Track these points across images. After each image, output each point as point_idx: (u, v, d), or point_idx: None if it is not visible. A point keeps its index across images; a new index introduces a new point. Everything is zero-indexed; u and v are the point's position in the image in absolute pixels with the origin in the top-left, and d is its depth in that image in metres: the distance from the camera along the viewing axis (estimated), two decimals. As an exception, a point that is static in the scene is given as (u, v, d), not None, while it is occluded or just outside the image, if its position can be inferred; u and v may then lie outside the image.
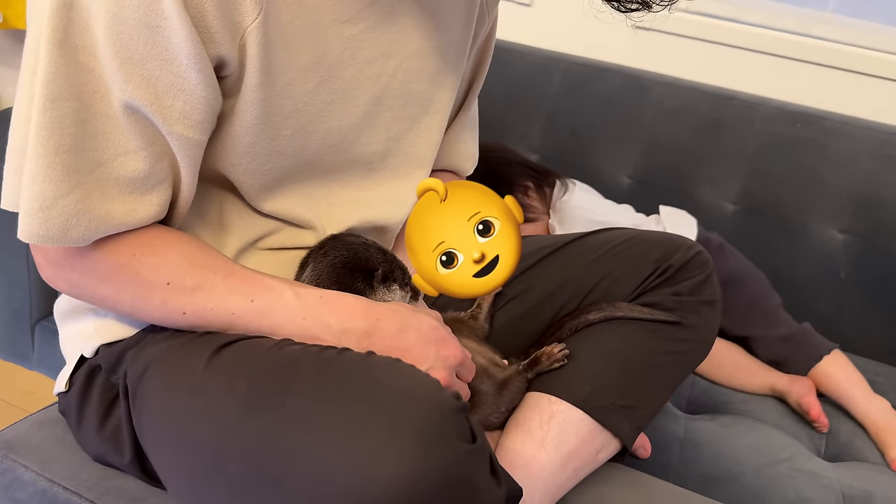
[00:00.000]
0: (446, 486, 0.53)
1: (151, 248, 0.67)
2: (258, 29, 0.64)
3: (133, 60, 0.59)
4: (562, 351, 0.84)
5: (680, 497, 0.88)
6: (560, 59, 1.61)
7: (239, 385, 0.61)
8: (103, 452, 0.75)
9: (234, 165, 0.71)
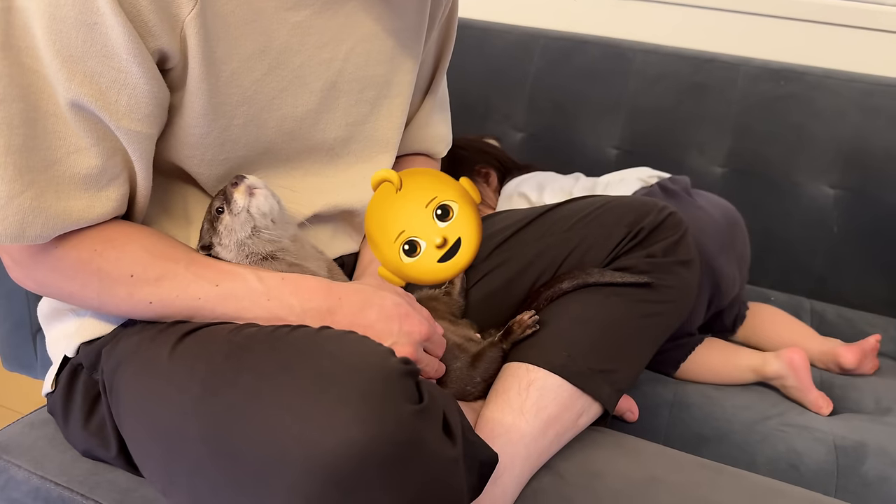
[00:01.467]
0: (394, 448, 0.54)
1: (112, 243, 0.68)
2: (196, 19, 0.65)
3: (74, 58, 0.61)
4: (532, 317, 0.85)
5: (667, 456, 0.88)
6: (539, 34, 1.61)
7: (198, 369, 0.63)
8: (90, 447, 0.77)
9: (189, 157, 0.73)
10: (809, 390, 1.09)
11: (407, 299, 0.76)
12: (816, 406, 1.09)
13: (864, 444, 1.00)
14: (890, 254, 1.40)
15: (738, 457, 1.00)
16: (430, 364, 0.77)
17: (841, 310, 1.39)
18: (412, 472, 0.55)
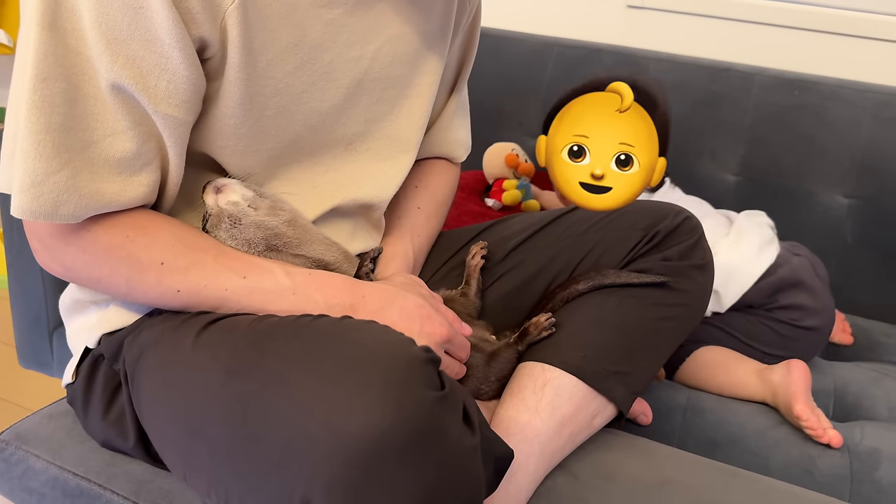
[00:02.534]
0: (415, 433, 0.54)
1: (144, 230, 0.69)
2: (237, 10, 0.67)
3: (118, 41, 0.62)
4: (549, 319, 0.86)
5: (680, 459, 0.88)
6: (554, 43, 1.62)
7: (221, 355, 0.64)
8: (109, 437, 0.78)
9: (221, 147, 0.74)
10: (798, 398, 1.04)
11: (431, 301, 0.76)
12: (803, 414, 1.02)
13: (878, 450, 1.00)
14: (903, 265, 1.40)
15: (751, 461, 0.99)
16: (451, 367, 0.77)
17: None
18: (432, 457, 0.55)
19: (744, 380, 1.13)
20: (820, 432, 1.01)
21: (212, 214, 0.74)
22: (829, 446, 1.01)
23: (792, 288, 1.22)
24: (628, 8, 1.70)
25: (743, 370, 1.14)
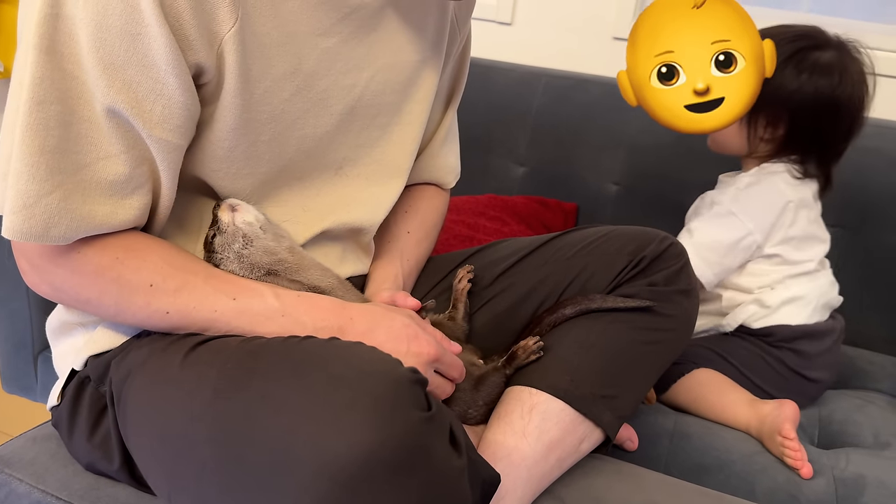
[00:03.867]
0: (402, 453, 0.54)
1: (134, 252, 0.70)
2: (234, 37, 0.68)
3: (115, 66, 0.63)
4: (537, 343, 0.86)
5: (668, 485, 0.88)
6: (542, 73, 1.65)
7: (209, 374, 0.64)
8: (94, 460, 0.78)
9: (214, 171, 0.75)
10: (785, 424, 1.03)
11: (417, 321, 0.77)
12: (790, 434, 1.01)
13: (863, 476, 1.00)
14: (889, 293, 1.42)
15: (738, 486, 1.00)
16: (440, 386, 0.77)
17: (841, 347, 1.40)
18: (419, 477, 0.55)
19: (734, 405, 1.11)
20: (799, 455, 1.00)
21: (225, 232, 0.74)
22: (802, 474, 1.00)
23: (811, 338, 1.18)
24: (614, 40, 1.73)
25: (735, 395, 1.13)
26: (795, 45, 1.09)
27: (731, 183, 1.23)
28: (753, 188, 1.18)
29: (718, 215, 1.18)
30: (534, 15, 1.79)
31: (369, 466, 0.53)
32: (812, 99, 1.10)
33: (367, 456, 0.53)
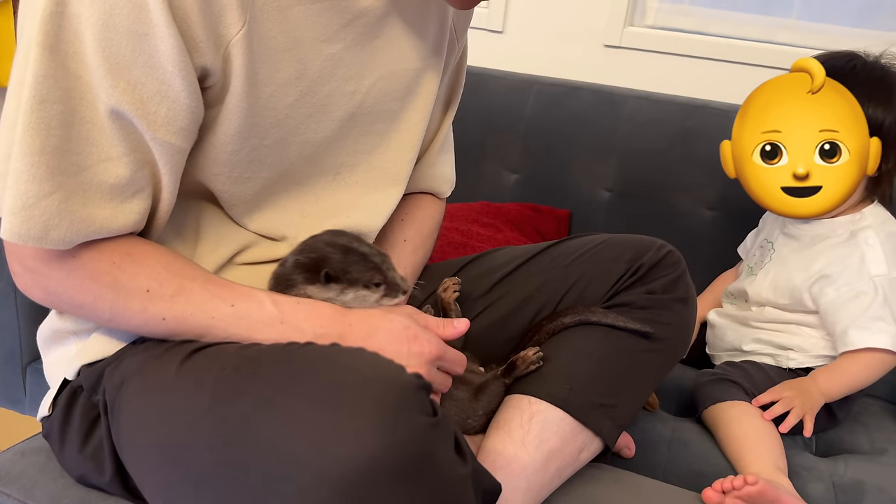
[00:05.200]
0: (406, 460, 0.53)
1: (131, 257, 0.68)
2: (242, 40, 0.67)
3: (120, 66, 0.62)
4: (536, 353, 0.85)
5: (667, 492, 0.88)
6: (534, 81, 1.65)
7: (206, 381, 0.62)
8: (85, 472, 0.76)
9: (216, 175, 0.74)
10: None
11: (415, 319, 0.75)
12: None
13: (862, 482, 1.00)
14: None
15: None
16: (441, 382, 0.76)
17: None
18: (423, 485, 0.54)
19: (754, 465, 1.00)
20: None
21: (377, 297, 0.76)
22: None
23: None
24: (605, 47, 1.73)
25: (762, 457, 1.01)
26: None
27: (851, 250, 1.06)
28: (890, 244, 1.06)
29: (893, 291, 1.07)
30: (525, 23, 1.79)
31: (372, 473, 0.52)
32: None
33: (371, 463, 0.52)
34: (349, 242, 0.77)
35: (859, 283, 1.07)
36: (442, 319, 0.78)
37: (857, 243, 1.06)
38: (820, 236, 1.09)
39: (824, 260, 1.10)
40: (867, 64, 1.02)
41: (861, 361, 1.08)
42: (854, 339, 1.07)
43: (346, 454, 0.52)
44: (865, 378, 1.08)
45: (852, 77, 0.97)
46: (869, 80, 0.98)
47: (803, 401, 1.07)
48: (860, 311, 1.07)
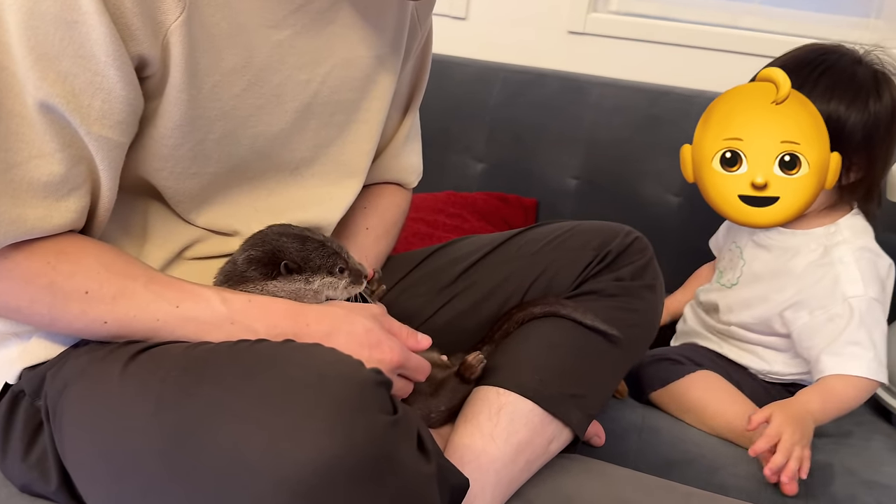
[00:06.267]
0: (367, 460, 0.51)
1: (67, 256, 0.65)
2: (181, 28, 0.63)
3: (48, 57, 0.58)
4: (476, 357, 0.83)
5: (637, 480, 0.87)
6: (499, 68, 1.63)
7: (151, 384, 0.59)
8: (30, 481, 0.72)
9: (158, 170, 0.70)
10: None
11: (380, 322, 0.73)
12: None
13: (831, 464, 1.00)
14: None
15: (707, 480, 0.99)
16: (402, 389, 0.74)
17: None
18: (385, 486, 0.52)
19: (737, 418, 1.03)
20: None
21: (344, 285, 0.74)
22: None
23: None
24: (569, 34, 1.72)
25: (739, 408, 1.05)
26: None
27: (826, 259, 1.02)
28: (865, 261, 1.02)
29: (871, 312, 1.02)
30: (488, 9, 1.76)
31: (331, 476, 0.50)
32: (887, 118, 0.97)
33: (330, 465, 0.50)
34: (302, 231, 0.74)
35: (833, 305, 1.02)
36: (409, 329, 0.75)
37: (832, 262, 1.01)
38: (792, 249, 1.03)
39: (798, 285, 1.04)
40: (841, 58, 0.97)
41: (844, 388, 1.01)
42: (826, 366, 1.01)
43: (303, 457, 0.49)
44: (852, 405, 1.02)
45: (819, 70, 0.94)
46: (835, 76, 0.94)
47: (802, 439, 0.94)
48: (834, 335, 1.01)
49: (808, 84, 0.94)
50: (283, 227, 0.75)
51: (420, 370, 0.75)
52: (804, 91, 0.91)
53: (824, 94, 0.93)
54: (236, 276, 0.71)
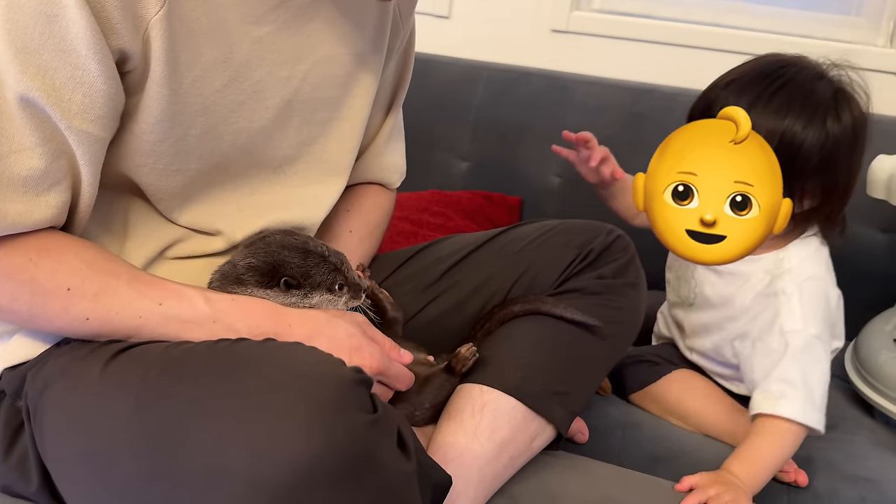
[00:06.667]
0: (346, 459, 0.51)
1: (48, 253, 0.64)
2: (161, 21, 0.63)
3: (28, 50, 0.58)
4: (469, 349, 0.83)
5: (621, 476, 0.88)
6: (483, 67, 1.63)
7: (131, 383, 0.59)
8: (10, 482, 0.72)
9: (139, 166, 0.70)
10: None
11: (363, 330, 0.73)
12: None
13: (812, 459, 1.01)
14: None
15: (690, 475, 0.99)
16: (384, 394, 0.74)
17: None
18: (366, 485, 0.52)
19: (716, 414, 1.04)
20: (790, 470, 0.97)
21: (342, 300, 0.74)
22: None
23: None
24: (552, 32, 1.72)
25: (719, 405, 1.05)
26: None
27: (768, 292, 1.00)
28: (809, 294, 0.98)
29: (808, 350, 0.96)
30: (471, 8, 1.77)
31: (311, 477, 0.50)
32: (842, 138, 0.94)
33: (309, 465, 0.50)
34: (305, 244, 0.74)
35: (771, 339, 0.97)
36: (392, 342, 0.76)
37: (775, 293, 0.98)
38: (741, 276, 1.02)
39: (746, 316, 1.01)
40: (801, 72, 0.94)
41: (769, 439, 0.93)
42: (755, 402, 0.95)
43: (282, 459, 0.49)
44: (783, 454, 0.93)
45: (777, 84, 0.91)
46: (793, 91, 0.91)
47: (734, 497, 0.88)
48: (767, 370, 0.95)
49: (763, 97, 0.92)
50: (285, 238, 0.74)
51: (401, 379, 0.75)
52: (759, 104, 0.89)
53: (780, 110, 0.91)
54: (233, 278, 0.71)
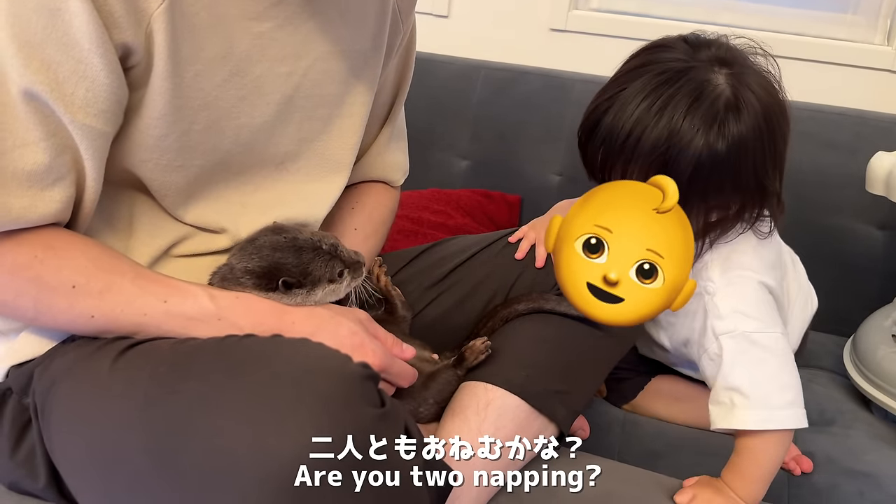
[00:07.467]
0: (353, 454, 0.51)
1: (54, 250, 0.65)
2: (164, 15, 0.64)
3: (32, 44, 0.58)
4: (484, 343, 0.84)
5: (622, 472, 0.88)
6: (481, 65, 1.64)
7: (140, 380, 0.60)
8: (17, 479, 0.72)
9: (143, 161, 0.70)
10: None
11: (365, 327, 0.73)
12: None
13: (813, 454, 1.02)
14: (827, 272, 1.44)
15: (692, 471, 0.99)
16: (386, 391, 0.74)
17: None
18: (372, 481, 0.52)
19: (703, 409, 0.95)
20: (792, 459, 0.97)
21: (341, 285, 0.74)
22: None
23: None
24: (551, 31, 1.73)
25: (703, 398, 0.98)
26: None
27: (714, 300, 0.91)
28: (735, 287, 0.90)
29: (747, 350, 0.88)
30: (470, 7, 1.77)
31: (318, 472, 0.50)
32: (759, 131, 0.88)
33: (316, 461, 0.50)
34: (294, 240, 0.74)
35: (709, 343, 0.89)
36: (394, 337, 0.76)
37: (699, 293, 0.89)
38: None
39: (680, 320, 0.96)
40: (689, 82, 0.85)
41: (748, 455, 0.87)
42: (711, 417, 0.88)
43: (290, 454, 0.50)
44: (770, 462, 0.86)
45: (664, 98, 0.83)
46: (678, 104, 0.83)
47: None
48: (713, 378, 0.89)
49: (648, 116, 0.84)
50: (273, 239, 0.74)
51: (403, 376, 0.76)
52: (646, 120, 0.83)
53: (666, 128, 0.81)
54: (233, 281, 0.71)
